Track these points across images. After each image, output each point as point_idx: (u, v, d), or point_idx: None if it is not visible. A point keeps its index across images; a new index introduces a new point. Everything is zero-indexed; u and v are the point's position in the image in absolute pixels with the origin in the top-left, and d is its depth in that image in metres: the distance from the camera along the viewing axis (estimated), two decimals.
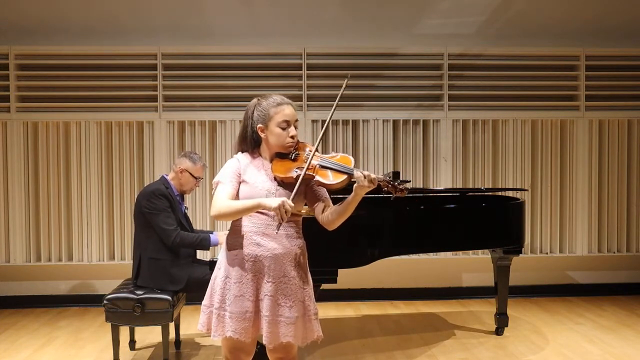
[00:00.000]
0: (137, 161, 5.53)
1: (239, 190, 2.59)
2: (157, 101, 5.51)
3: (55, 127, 5.48)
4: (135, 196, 5.44)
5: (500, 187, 5.68)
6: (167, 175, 4.18)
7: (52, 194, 5.47)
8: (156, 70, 5.50)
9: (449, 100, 5.68)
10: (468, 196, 4.88)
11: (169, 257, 3.98)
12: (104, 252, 5.51)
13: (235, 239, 2.61)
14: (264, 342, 2.56)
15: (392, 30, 5.69)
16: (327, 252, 3.55)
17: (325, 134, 5.54)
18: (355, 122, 5.65)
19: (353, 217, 2.56)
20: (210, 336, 2.62)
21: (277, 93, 2.71)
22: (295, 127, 2.62)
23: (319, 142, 2.65)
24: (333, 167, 2.54)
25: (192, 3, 5.45)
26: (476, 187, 5.66)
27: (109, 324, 3.92)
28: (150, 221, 3.96)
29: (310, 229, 2.74)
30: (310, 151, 2.60)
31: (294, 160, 2.61)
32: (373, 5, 5.55)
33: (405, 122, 5.70)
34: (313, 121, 5.59)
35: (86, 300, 5.59)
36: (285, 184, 2.58)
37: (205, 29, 5.56)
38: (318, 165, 2.55)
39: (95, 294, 5.55)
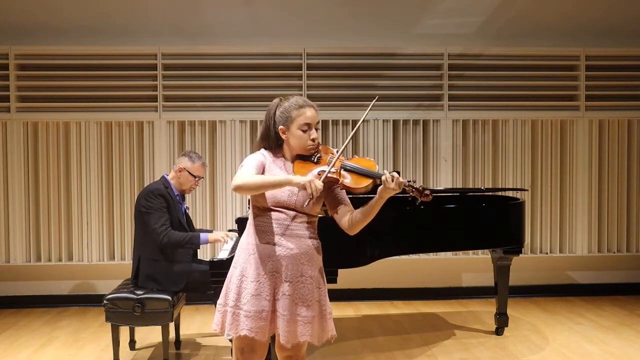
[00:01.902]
0: (137, 161, 5.53)
1: None
2: (157, 101, 5.51)
3: (55, 127, 5.48)
4: (135, 196, 5.46)
5: (500, 187, 5.67)
6: (167, 175, 4.18)
7: (52, 194, 5.47)
8: (156, 70, 5.50)
9: (449, 100, 5.68)
10: (468, 196, 4.88)
11: (168, 257, 3.98)
12: (104, 252, 5.51)
13: (252, 239, 2.60)
14: (281, 342, 2.56)
15: (392, 30, 5.69)
16: (327, 252, 3.54)
17: (353, 138, 5.54)
18: (355, 122, 5.64)
19: None
20: (223, 336, 2.60)
21: (299, 94, 2.70)
22: (317, 130, 2.62)
23: (345, 146, 2.65)
24: (358, 171, 2.53)
25: (192, 3, 5.45)
26: (476, 187, 5.66)
27: (109, 324, 3.92)
28: (144, 220, 3.95)
29: None
30: (333, 154, 2.59)
31: (317, 162, 2.60)
32: (373, 5, 5.55)
33: (405, 122, 5.70)
34: None
35: (86, 300, 5.59)
36: None
37: (206, 28, 5.56)
38: (342, 169, 2.54)
39: (95, 294, 5.55)
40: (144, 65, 5.52)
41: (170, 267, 3.96)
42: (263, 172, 2.59)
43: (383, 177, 2.42)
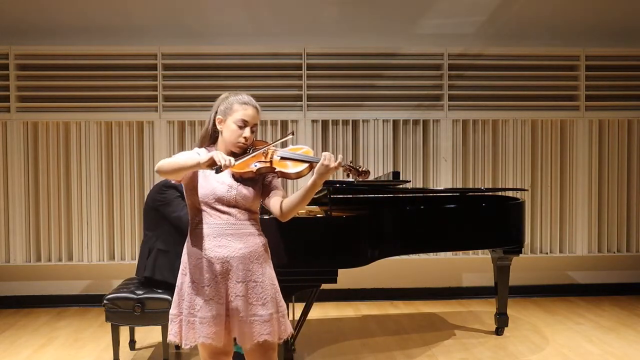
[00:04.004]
0: (137, 161, 5.53)
1: (197, 183, 2.55)
2: (157, 101, 5.51)
3: (55, 127, 5.48)
4: (136, 196, 5.48)
5: (500, 187, 5.68)
6: None
7: (52, 194, 5.47)
8: (156, 70, 5.50)
9: (449, 100, 5.68)
10: (468, 196, 4.88)
11: (177, 250, 3.97)
12: (104, 252, 5.51)
13: (198, 243, 2.55)
14: (238, 343, 2.52)
15: (392, 30, 5.69)
16: (327, 251, 3.55)
17: (287, 138, 5.57)
18: (355, 122, 5.65)
19: (353, 217, 2.55)
20: (181, 346, 2.55)
21: (247, 93, 2.69)
22: (252, 131, 2.59)
23: (279, 140, 2.65)
24: (292, 157, 2.54)
25: (192, 3, 5.45)
26: (476, 187, 5.66)
27: (109, 324, 3.91)
28: (163, 212, 3.93)
29: (311, 229, 2.74)
30: (268, 147, 2.59)
31: (253, 157, 2.58)
32: (373, 5, 5.55)
33: (405, 122, 5.70)
34: (313, 121, 5.59)
35: (86, 300, 5.60)
36: (244, 179, 2.56)
37: (206, 28, 5.56)
38: (279, 158, 2.55)
39: (95, 294, 5.55)
40: (144, 65, 5.52)
41: (177, 260, 3.95)
42: (197, 172, 2.57)
43: (322, 156, 2.40)
